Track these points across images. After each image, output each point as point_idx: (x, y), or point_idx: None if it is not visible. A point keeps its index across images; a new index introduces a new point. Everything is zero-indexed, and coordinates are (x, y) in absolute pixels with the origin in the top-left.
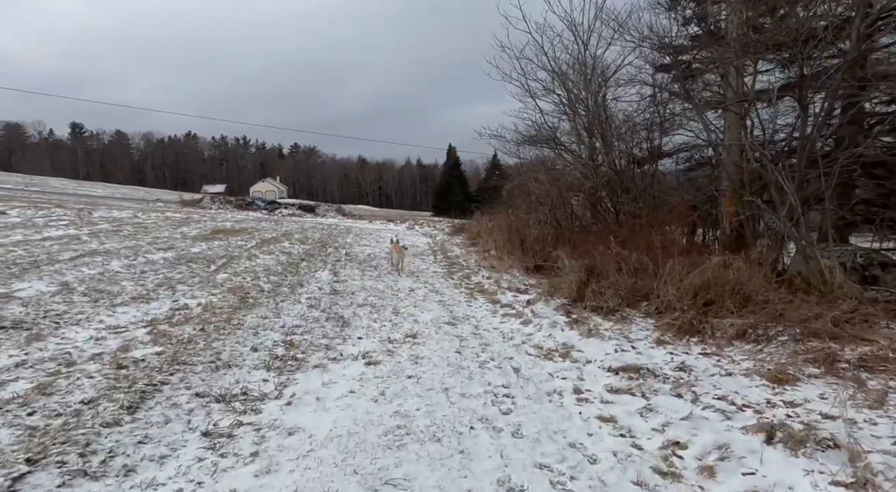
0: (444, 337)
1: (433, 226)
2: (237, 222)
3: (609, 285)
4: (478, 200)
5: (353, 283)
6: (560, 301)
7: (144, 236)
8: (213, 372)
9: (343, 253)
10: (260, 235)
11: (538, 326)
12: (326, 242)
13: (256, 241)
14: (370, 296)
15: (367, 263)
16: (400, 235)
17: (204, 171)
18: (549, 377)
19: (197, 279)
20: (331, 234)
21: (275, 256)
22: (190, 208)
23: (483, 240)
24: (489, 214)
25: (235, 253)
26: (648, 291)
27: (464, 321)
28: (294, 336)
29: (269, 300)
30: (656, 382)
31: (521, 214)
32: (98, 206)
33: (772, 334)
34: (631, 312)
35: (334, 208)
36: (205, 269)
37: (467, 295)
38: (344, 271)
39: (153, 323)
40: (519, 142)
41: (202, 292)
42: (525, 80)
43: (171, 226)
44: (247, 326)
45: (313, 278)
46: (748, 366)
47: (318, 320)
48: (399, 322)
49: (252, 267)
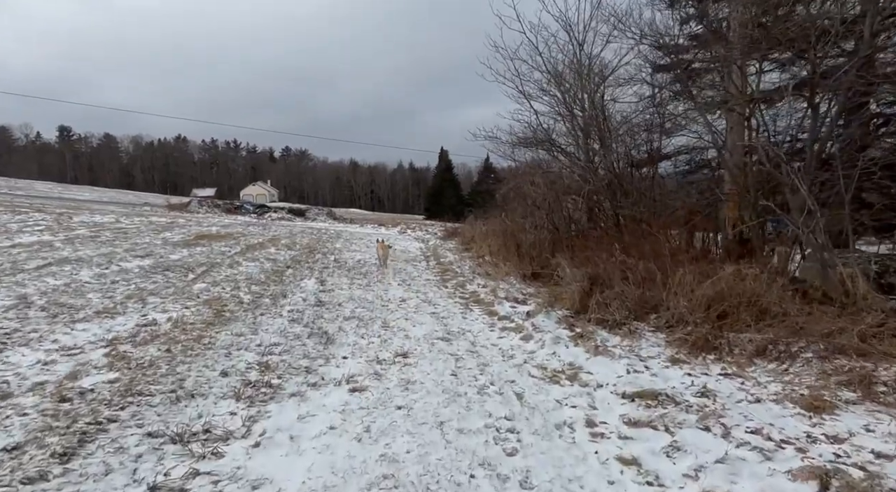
0: (438, 356)
1: (425, 230)
2: (224, 227)
3: (614, 296)
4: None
5: (341, 292)
6: (562, 313)
7: (123, 243)
8: (172, 404)
9: (331, 259)
10: (246, 240)
11: (540, 342)
12: (315, 248)
13: (241, 246)
14: (358, 307)
15: (355, 271)
16: (391, 240)
17: (194, 174)
18: (557, 405)
19: (171, 290)
20: (320, 239)
21: (259, 264)
22: (177, 212)
23: (477, 245)
24: (483, 219)
25: (217, 260)
26: (657, 303)
27: (459, 336)
28: (271, 357)
29: (247, 314)
30: (679, 411)
31: (516, 219)
32: (81, 210)
33: (794, 351)
34: (639, 326)
35: (325, 212)
36: (182, 278)
37: (462, 306)
38: (331, 279)
39: (114, 343)
40: (514, 143)
41: (175, 305)
42: (520, 81)
43: (153, 231)
44: (219, 346)
45: (298, 288)
46: (776, 390)
47: (299, 337)
48: (389, 338)
49: (233, 276)
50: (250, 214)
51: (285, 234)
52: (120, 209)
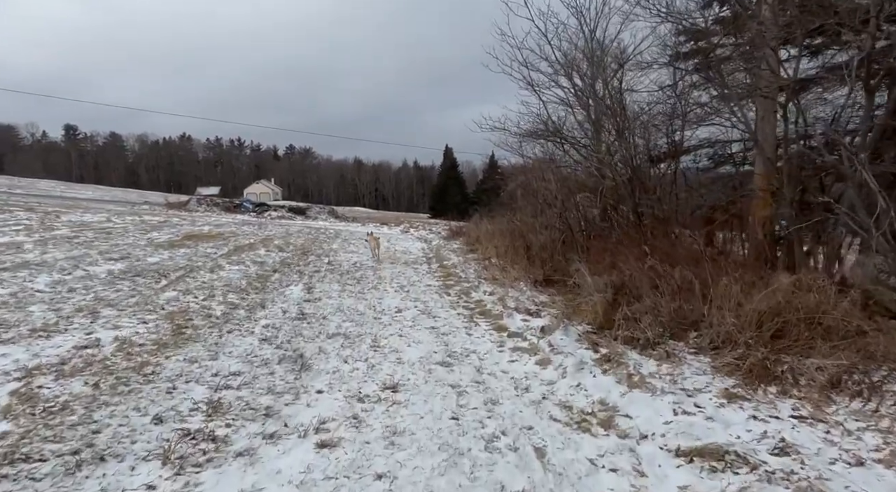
0: (435, 389)
1: (429, 229)
2: (217, 226)
3: (645, 309)
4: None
5: (329, 302)
6: (582, 328)
7: (102, 244)
8: (66, 475)
9: (325, 262)
10: (236, 240)
11: (561, 369)
12: (309, 249)
13: (229, 248)
14: (346, 321)
15: (349, 275)
16: (392, 240)
17: (198, 173)
18: (592, 469)
19: (134, 300)
20: (316, 239)
21: (243, 267)
22: (175, 211)
23: (483, 246)
24: (489, 218)
25: (199, 263)
26: (697, 318)
27: (462, 360)
28: (226, 393)
29: (212, 331)
30: (758, 480)
31: (525, 218)
32: (74, 209)
33: (876, 382)
34: (677, 346)
35: (326, 211)
36: (152, 285)
37: (466, 318)
38: (321, 286)
39: (33, 374)
40: (523, 135)
41: (131, 320)
42: (527, 71)
43: (140, 231)
44: (164, 377)
45: (281, 296)
46: (876, 443)
47: (268, 363)
48: (377, 362)
49: (211, 282)
50: (250, 212)
51: (280, 233)
52: (117, 208)
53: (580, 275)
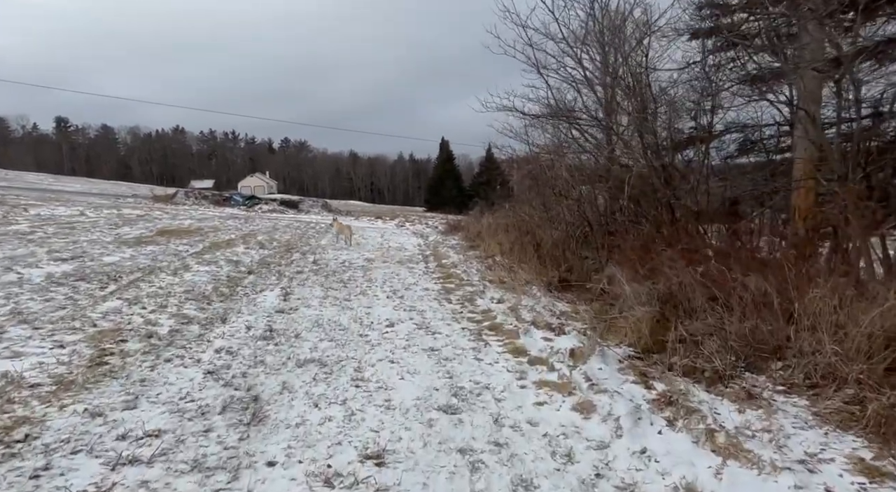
0: (438, 458)
1: (425, 223)
2: (200, 221)
3: (706, 329)
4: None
5: (307, 313)
6: (623, 352)
7: (58, 241)
8: None
9: (310, 261)
10: (215, 236)
11: (612, 421)
12: (294, 246)
13: (205, 245)
14: (324, 339)
15: (335, 277)
16: (386, 236)
17: (192, 166)
18: None
19: (62, 313)
20: (304, 234)
21: (214, 268)
22: (161, 204)
23: (485, 243)
24: (490, 211)
25: (163, 263)
26: (780, 343)
27: (473, 402)
28: (128, 471)
29: (144, 359)
30: None
31: (532, 211)
32: (51, 202)
33: None
34: (757, 381)
35: (320, 204)
36: (95, 291)
37: (474, 335)
38: (300, 291)
39: None
40: (534, 116)
41: (43, 343)
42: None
43: (111, 226)
44: (38, 446)
45: (250, 305)
46: None
47: (206, 413)
48: (359, 407)
49: (170, 287)
50: (240, 206)
51: (267, 228)
52: (99, 201)
53: (616, 282)
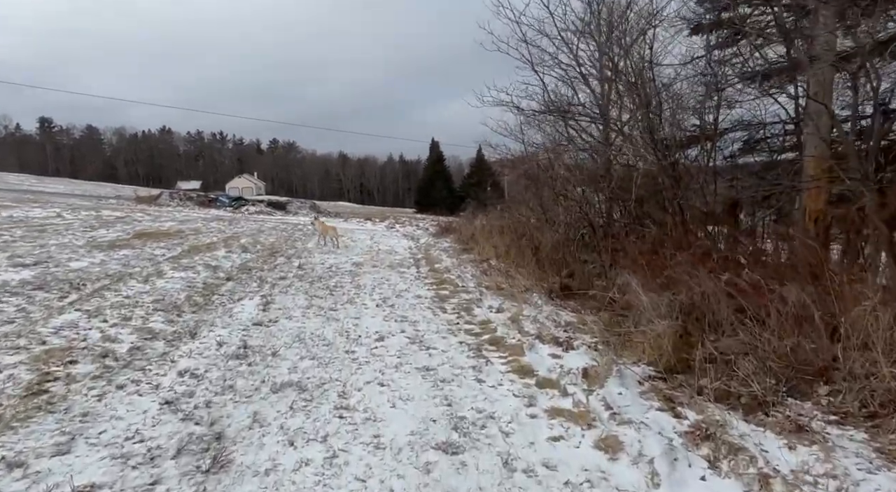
0: None
1: (416, 225)
2: (182, 222)
3: (739, 347)
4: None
5: (287, 325)
6: (641, 370)
7: (23, 245)
8: None
9: (295, 266)
10: (196, 239)
11: (645, 465)
12: (279, 250)
13: (184, 248)
14: (306, 357)
15: (321, 283)
16: (375, 238)
17: (179, 167)
18: None
19: (8, 328)
20: (290, 236)
21: (191, 274)
22: (144, 206)
23: (479, 245)
24: (484, 212)
25: (135, 269)
26: (825, 364)
27: (477, 436)
28: None
29: (93, 386)
30: None
31: (529, 213)
32: (28, 204)
33: None
34: (803, 409)
35: (308, 205)
36: (53, 302)
37: (473, 351)
38: (282, 300)
39: None
40: (534, 112)
41: None
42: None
43: (87, 228)
44: None
45: (225, 317)
46: None
47: (155, 457)
48: (343, 448)
49: (138, 296)
50: (226, 207)
51: (251, 231)
52: (80, 202)
53: (630, 290)
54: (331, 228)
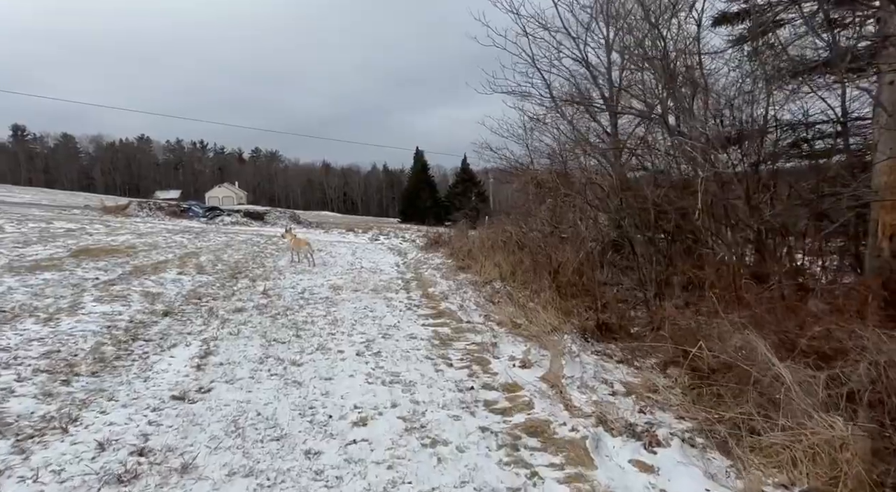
0: None
1: (402, 236)
2: (139, 236)
3: None
4: (447, 205)
5: (225, 397)
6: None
7: None
8: None
9: (259, 291)
10: (147, 256)
11: None
12: (243, 269)
13: (126, 269)
14: (237, 473)
15: (287, 318)
16: (358, 253)
17: (158, 176)
18: None
19: None
20: (261, 252)
21: (119, 307)
22: (110, 216)
23: (478, 263)
24: (480, 223)
25: (45, 301)
26: None
27: None
28: None
29: None
30: None
31: (545, 226)
32: None
33: None
34: None
35: (287, 216)
36: None
37: (506, 452)
38: (228, 348)
39: None
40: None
41: None
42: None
43: (19, 244)
44: None
45: (135, 383)
46: None
47: None
48: None
49: (24, 345)
50: (199, 217)
51: (217, 245)
52: (37, 212)
53: (757, 356)
54: (304, 243)
